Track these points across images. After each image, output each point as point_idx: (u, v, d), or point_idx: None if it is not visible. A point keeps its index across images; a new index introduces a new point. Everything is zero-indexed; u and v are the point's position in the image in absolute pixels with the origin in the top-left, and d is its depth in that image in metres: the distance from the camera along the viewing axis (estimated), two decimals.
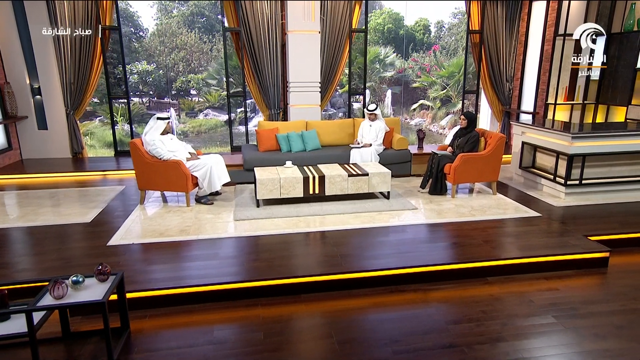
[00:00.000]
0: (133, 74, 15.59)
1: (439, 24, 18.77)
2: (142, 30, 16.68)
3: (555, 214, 5.37)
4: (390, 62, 17.44)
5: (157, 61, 16.11)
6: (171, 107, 15.05)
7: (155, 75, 16.05)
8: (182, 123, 15.75)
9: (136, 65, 15.73)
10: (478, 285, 3.97)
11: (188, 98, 16.41)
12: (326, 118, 16.36)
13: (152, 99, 16.14)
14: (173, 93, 16.36)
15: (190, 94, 16.24)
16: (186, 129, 15.54)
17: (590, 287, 3.98)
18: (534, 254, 4.21)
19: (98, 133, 14.07)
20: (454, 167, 5.82)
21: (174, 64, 16.22)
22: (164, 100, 15.88)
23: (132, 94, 15.67)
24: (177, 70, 16.26)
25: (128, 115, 9.02)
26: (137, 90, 15.84)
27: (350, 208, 5.50)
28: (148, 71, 15.83)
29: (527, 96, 9.14)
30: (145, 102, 15.86)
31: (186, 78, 16.22)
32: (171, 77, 16.21)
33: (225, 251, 4.32)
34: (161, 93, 16.13)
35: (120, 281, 3.09)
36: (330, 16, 8.32)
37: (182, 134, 15.09)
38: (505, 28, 9.05)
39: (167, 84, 16.24)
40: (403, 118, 17.80)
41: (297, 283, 3.77)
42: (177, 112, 16.01)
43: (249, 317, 3.46)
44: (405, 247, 4.39)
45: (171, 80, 16.18)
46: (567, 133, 5.67)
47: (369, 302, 3.69)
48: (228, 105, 9.01)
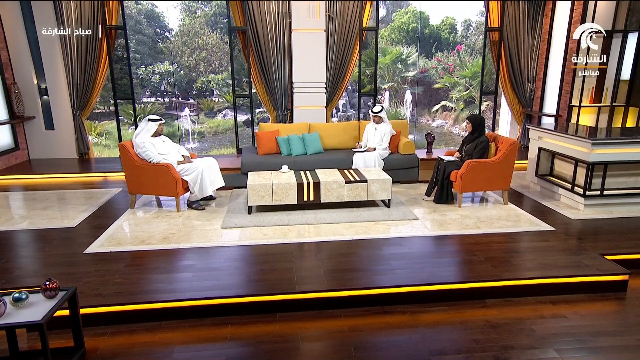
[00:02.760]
0: (155, 75, 15.75)
1: (465, 23, 18.24)
2: (167, 30, 16.83)
3: (571, 228, 4.88)
4: (412, 62, 16.99)
5: (179, 62, 16.20)
6: (186, 107, 15.04)
7: (177, 76, 16.15)
8: (200, 123, 15.76)
9: (158, 65, 15.87)
10: (474, 308, 3.58)
11: (208, 98, 16.45)
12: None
13: (172, 99, 16.23)
14: (194, 93, 16.44)
15: (212, 94, 16.26)
16: (203, 129, 15.54)
17: (604, 316, 3.51)
18: (540, 275, 3.78)
19: (115, 133, 14.20)
20: (460, 175, 5.40)
21: (196, 64, 16.27)
22: (186, 101, 15.95)
23: (151, 93, 15.82)
24: (198, 71, 16.30)
25: (133, 115, 8.93)
26: (159, 90, 15.97)
27: (346, 217, 5.16)
28: (170, 71, 15.94)
29: (549, 98, 8.56)
30: (166, 102, 15.95)
31: (206, 78, 16.24)
32: (192, 77, 16.29)
33: (204, 262, 4.07)
34: (182, 93, 16.22)
35: (72, 297, 2.87)
36: (339, 14, 7.99)
37: (198, 135, 15.08)
38: (527, 25, 8.50)
39: (187, 84, 16.33)
40: (425, 119, 17.28)
41: (271, 301, 3.48)
42: (196, 112, 16.03)
43: (215, 338, 3.19)
44: (397, 263, 4.03)
45: (192, 81, 16.26)
46: (586, 139, 5.16)
47: (348, 325, 3.35)
48: (234, 106, 8.82)
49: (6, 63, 7.84)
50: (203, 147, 14.10)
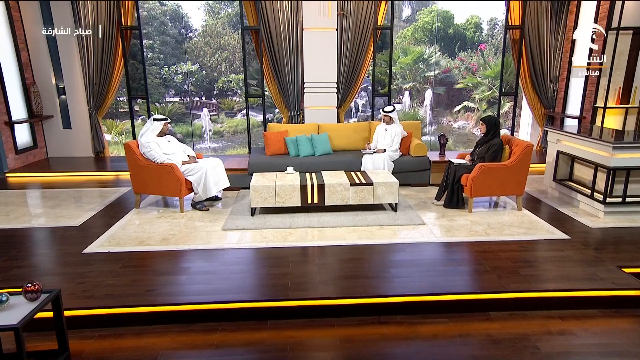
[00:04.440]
0: (178, 74, 15.95)
1: (492, 21, 17.78)
2: (191, 31, 17.02)
3: (588, 237, 4.59)
4: (435, 62, 16.67)
5: (201, 62, 16.36)
6: (204, 107, 15.14)
7: (199, 76, 16.30)
8: (220, 123, 15.85)
9: (181, 65, 16.05)
10: (476, 321, 3.38)
11: (228, 98, 16.55)
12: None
13: (193, 98, 16.40)
14: (215, 93, 16.58)
15: (235, 93, 16.37)
16: (222, 129, 15.64)
17: (617, 334, 3.25)
18: (549, 287, 3.55)
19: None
20: (470, 179, 5.17)
21: (217, 64, 16.39)
22: (209, 101, 16.10)
23: (176, 93, 16.00)
24: (219, 71, 16.42)
25: (147, 115, 9.00)
26: (182, 90, 16.15)
27: (350, 221, 5.02)
28: (192, 71, 16.11)
29: (573, 99, 8.17)
30: (187, 102, 16.12)
31: (227, 78, 16.34)
32: (214, 77, 16.41)
33: (199, 266, 4.00)
34: (204, 93, 16.38)
35: (56, 300, 2.83)
36: (353, 13, 7.83)
37: (217, 134, 15.16)
38: (549, 23, 8.14)
39: (209, 84, 16.47)
40: (446, 120, 16.90)
41: (261, 308, 3.37)
42: (216, 112, 16.13)
43: (201, 345, 3.10)
44: (398, 271, 3.86)
45: (214, 80, 16.39)
46: (606, 142, 4.86)
47: (341, 335, 3.20)
48: (247, 106, 8.79)
49: (26, 63, 8.01)
50: (219, 147, 14.17)
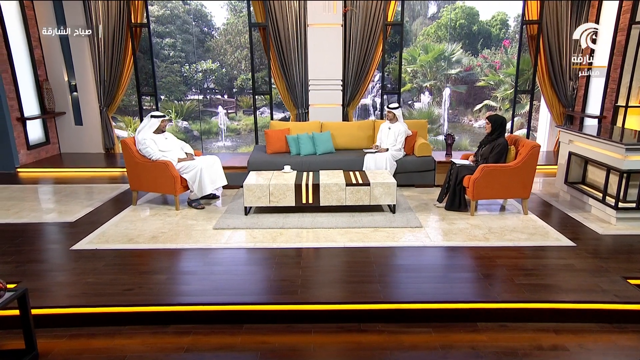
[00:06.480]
0: (198, 73, 16.09)
1: (519, 17, 17.24)
2: (214, 29, 17.16)
3: (596, 245, 4.30)
4: (457, 60, 16.26)
5: (222, 60, 16.46)
6: (220, 105, 15.21)
7: (218, 74, 16.41)
8: (237, 120, 15.92)
9: (201, 63, 16.20)
10: (462, 332, 3.18)
11: (247, 96, 16.61)
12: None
13: (212, 96, 16.53)
14: (234, 91, 16.65)
15: (258, 91, 16.55)
16: (239, 126, 15.70)
17: (616, 352, 3.00)
18: (544, 298, 3.31)
19: None
20: (473, 180, 4.93)
21: (237, 62, 16.46)
22: (231, 99, 16.19)
23: (200, 91, 16.14)
24: (239, 69, 16.48)
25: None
26: (202, 87, 16.29)
27: (345, 222, 4.86)
28: (212, 69, 16.23)
29: (593, 97, 7.76)
30: (206, 100, 16.25)
31: (247, 76, 16.40)
32: (234, 75, 16.49)
33: (181, 265, 3.93)
34: (224, 90, 16.48)
35: (22, 298, 2.79)
36: (362, 9, 7.64)
37: (233, 132, 15.23)
38: (570, 17, 7.74)
39: (229, 82, 16.56)
40: (467, 119, 16.47)
41: (236, 311, 3.26)
42: (234, 110, 16.21)
43: (171, 348, 3.02)
44: (384, 276, 3.69)
45: (233, 78, 16.47)
46: (619, 143, 4.54)
47: (317, 342, 3.06)
48: (254, 103, 8.73)
49: (39, 60, 8.17)
50: (233, 145, 14.23)
